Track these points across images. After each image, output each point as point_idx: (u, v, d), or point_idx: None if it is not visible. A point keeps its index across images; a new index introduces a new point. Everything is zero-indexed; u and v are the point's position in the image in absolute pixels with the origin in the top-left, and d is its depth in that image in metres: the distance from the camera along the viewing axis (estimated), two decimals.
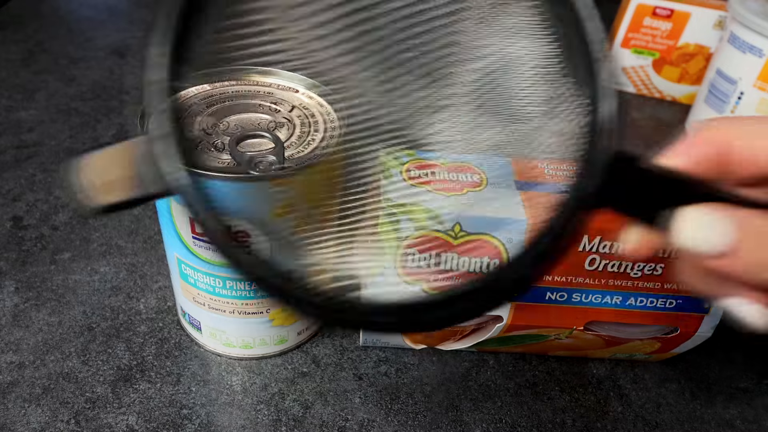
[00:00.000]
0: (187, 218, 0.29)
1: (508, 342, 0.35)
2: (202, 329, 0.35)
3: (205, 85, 0.33)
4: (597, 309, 0.32)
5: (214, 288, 0.32)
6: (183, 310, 0.35)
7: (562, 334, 0.33)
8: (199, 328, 0.35)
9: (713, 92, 0.58)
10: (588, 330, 0.33)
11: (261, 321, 0.33)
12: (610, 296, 0.31)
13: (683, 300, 0.31)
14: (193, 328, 0.36)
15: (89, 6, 0.77)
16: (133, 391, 0.33)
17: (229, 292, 0.32)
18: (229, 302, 0.32)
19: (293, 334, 0.35)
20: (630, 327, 0.33)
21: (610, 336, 0.33)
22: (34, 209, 0.45)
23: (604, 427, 0.34)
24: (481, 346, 0.35)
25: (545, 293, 0.31)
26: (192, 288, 0.33)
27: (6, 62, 0.63)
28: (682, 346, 0.34)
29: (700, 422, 0.35)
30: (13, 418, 0.32)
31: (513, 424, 0.34)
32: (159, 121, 0.18)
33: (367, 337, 0.35)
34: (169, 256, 0.33)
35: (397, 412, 0.34)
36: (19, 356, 0.35)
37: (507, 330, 0.33)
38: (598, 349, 0.35)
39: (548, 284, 0.31)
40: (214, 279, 0.31)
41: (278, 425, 0.33)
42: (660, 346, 0.34)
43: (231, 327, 0.34)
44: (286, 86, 0.34)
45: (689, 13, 0.62)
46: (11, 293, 0.38)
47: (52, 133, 0.53)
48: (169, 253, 0.33)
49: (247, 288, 0.31)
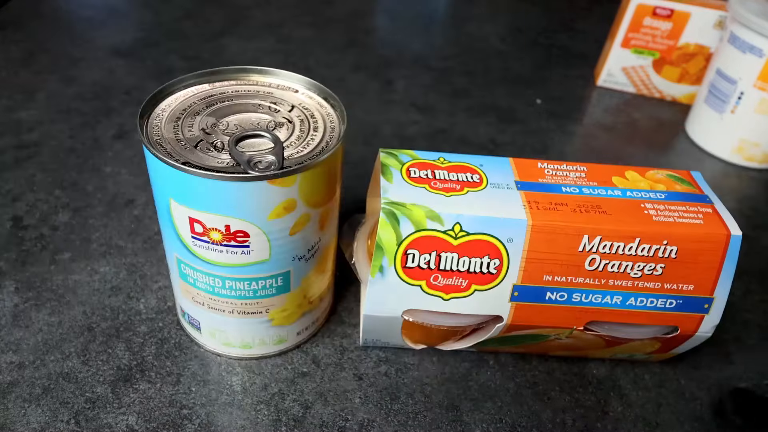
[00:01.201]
0: (187, 218, 0.29)
1: (508, 342, 0.35)
2: (201, 329, 0.35)
3: (205, 84, 0.33)
4: (597, 309, 0.32)
5: (213, 288, 0.32)
6: (182, 309, 0.35)
7: (562, 334, 0.33)
8: (198, 327, 0.35)
9: (713, 92, 0.58)
10: (588, 330, 0.33)
11: (260, 321, 0.33)
12: (610, 296, 0.31)
13: (683, 300, 0.31)
14: (192, 328, 0.36)
15: (89, 6, 0.77)
16: (133, 391, 0.33)
17: (228, 291, 0.32)
18: (228, 302, 0.32)
19: (292, 334, 0.35)
20: (630, 327, 0.33)
21: (610, 336, 0.33)
22: (34, 209, 0.45)
23: (604, 427, 0.34)
24: (481, 347, 0.35)
25: (545, 293, 0.31)
26: (191, 288, 0.33)
27: (6, 62, 0.63)
28: (682, 346, 0.34)
29: (700, 422, 0.35)
30: (13, 418, 0.32)
31: (513, 424, 0.34)
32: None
33: (367, 336, 0.35)
34: (168, 256, 0.33)
35: (397, 412, 0.34)
36: (19, 356, 0.35)
37: (507, 330, 0.33)
38: (598, 349, 0.35)
39: (548, 284, 0.31)
40: (213, 279, 0.31)
41: (278, 425, 0.33)
42: (660, 346, 0.34)
43: (230, 327, 0.34)
44: (285, 86, 0.34)
45: (689, 13, 0.62)
46: (11, 293, 0.39)
47: (52, 133, 0.53)
48: (169, 253, 0.33)
49: (246, 288, 0.31)
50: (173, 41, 0.70)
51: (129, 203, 0.46)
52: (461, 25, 0.82)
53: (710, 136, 0.59)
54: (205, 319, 0.34)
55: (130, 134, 0.54)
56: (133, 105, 0.58)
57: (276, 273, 0.31)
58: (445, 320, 0.33)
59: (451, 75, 0.69)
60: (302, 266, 0.32)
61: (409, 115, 0.61)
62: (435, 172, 0.32)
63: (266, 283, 0.31)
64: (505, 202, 0.30)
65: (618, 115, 0.65)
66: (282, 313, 0.34)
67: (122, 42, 0.69)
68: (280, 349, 0.36)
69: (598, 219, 0.30)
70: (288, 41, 0.73)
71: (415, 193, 0.30)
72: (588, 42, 0.80)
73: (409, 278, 0.30)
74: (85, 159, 0.51)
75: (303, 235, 0.31)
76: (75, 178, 0.49)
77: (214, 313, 0.33)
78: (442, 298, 0.31)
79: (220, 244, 0.29)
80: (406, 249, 0.30)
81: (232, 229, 0.28)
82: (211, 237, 0.29)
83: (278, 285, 0.32)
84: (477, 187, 0.31)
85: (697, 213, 0.31)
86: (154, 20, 0.75)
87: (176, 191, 0.28)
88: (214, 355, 0.36)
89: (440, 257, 0.30)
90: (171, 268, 0.34)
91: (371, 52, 0.72)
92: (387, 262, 0.30)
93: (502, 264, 0.30)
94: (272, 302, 0.33)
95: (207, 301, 0.33)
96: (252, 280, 0.31)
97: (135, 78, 0.63)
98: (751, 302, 0.43)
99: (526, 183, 0.32)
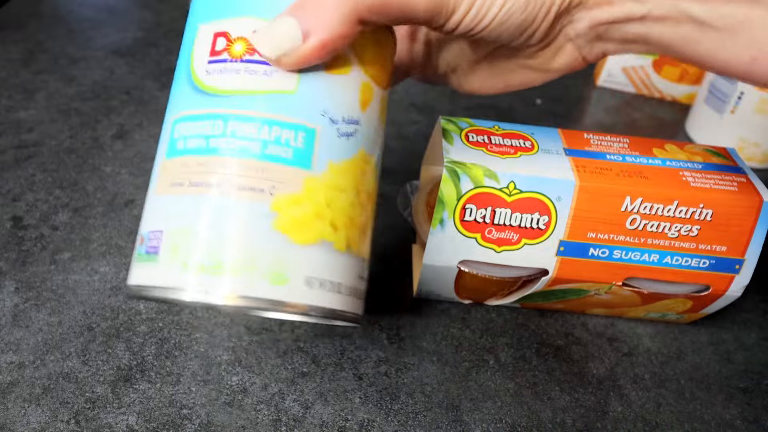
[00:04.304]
0: (211, 37, 0.25)
1: (551, 297, 0.37)
2: (161, 249, 0.23)
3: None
4: (635, 266, 0.34)
5: (207, 140, 0.24)
6: (143, 238, 0.25)
7: (602, 289, 0.35)
8: (157, 251, 0.23)
9: (713, 92, 0.58)
10: (626, 286, 0.35)
11: (258, 211, 0.23)
12: (648, 254, 0.33)
13: (716, 260, 0.34)
14: (149, 259, 0.24)
15: (89, 6, 0.77)
16: (133, 391, 0.33)
17: (226, 143, 0.24)
18: (220, 165, 0.24)
19: (299, 274, 0.24)
20: (665, 284, 0.35)
21: (646, 291, 0.35)
22: (34, 209, 0.45)
23: (604, 427, 0.34)
24: (525, 302, 0.37)
25: (588, 249, 0.33)
26: (176, 161, 0.24)
27: (6, 62, 0.63)
28: (711, 306, 0.36)
29: (700, 422, 0.35)
30: (13, 418, 0.32)
31: (513, 424, 0.34)
32: None
33: (423, 287, 0.37)
34: (163, 134, 0.26)
35: (397, 412, 0.34)
36: (19, 356, 0.35)
37: (552, 283, 0.35)
38: (633, 307, 0.37)
39: (592, 241, 0.33)
40: (212, 124, 0.24)
41: (278, 425, 0.33)
42: (691, 305, 0.36)
43: (207, 226, 0.23)
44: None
45: None
46: (11, 293, 0.39)
47: (52, 133, 0.53)
48: (166, 124, 0.26)
49: (253, 136, 0.24)
50: (173, 41, 0.70)
51: (129, 203, 0.46)
52: None
53: (710, 136, 0.59)
54: (174, 219, 0.23)
55: (130, 134, 0.54)
56: (133, 105, 0.58)
57: (297, 122, 0.24)
58: (498, 271, 0.35)
59: None
60: (334, 139, 0.25)
61: (409, 115, 0.61)
62: (491, 138, 0.34)
63: (281, 134, 0.23)
64: (555, 165, 0.33)
65: (618, 115, 0.65)
66: (292, 207, 0.23)
67: (122, 42, 0.69)
68: (274, 297, 0.23)
69: (640, 182, 0.33)
70: None
71: (474, 154, 0.33)
72: None
73: (466, 231, 0.33)
74: (85, 159, 0.51)
75: (340, 83, 0.25)
76: (75, 178, 0.49)
77: (191, 197, 0.23)
78: (495, 250, 0.33)
79: (240, 60, 0.24)
80: (465, 203, 0.32)
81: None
82: (232, 52, 0.24)
83: (296, 147, 0.24)
84: (529, 151, 0.34)
85: (732, 181, 0.34)
86: (154, 20, 0.75)
87: (207, 6, 0.25)
88: (162, 289, 0.23)
89: (495, 212, 0.32)
90: (158, 154, 0.26)
91: None
92: (447, 215, 0.32)
93: (550, 220, 0.33)
94: (282, 176, 0.23)
95: (190, 174, 0.23)
96: (264, 122, 0.23)
97: (135, 78, 0.63)
98: (751, 302, 0.43)
99: (574, 150, 0.34)
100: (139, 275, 0.24)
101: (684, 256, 0.34)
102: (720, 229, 0.33)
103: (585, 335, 0.40)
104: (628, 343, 0.39)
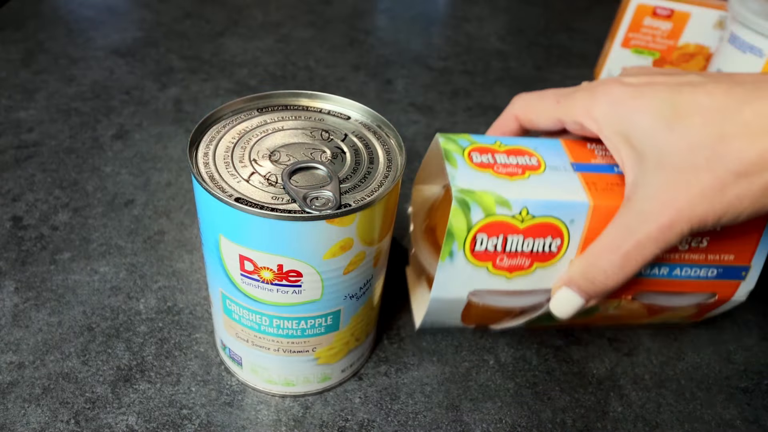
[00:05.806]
0: (236, 255, 0.27)
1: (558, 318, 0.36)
2: (243, 365, 0.33)
3: (254, 111, 0.32)
4: (644, 280, 0.33)
5: (260, 326, 0.30)
6: (223, 343, 0.34)
7: (611, 305, 0.34)
8: (240, 363, 0.34)
9: None
10: (635, 300, 0.34)
11: (306, 360, 0.32)
12: (657, 268, 0.33)
13: (723, 269, 0.33)
14: (233, 363, 0.34)
15: (89, 6, 0.77)
16: (133, 391, 0.33)
17: (275, 330, 0.30)
18: (274, 340, 0.31)
19: (337, 371, 0.34)
20: (674, 297, 0.34)
21: (656, 305, 0.35)
22: (34, 209, 0.45)
23: (604, 427, 0.34)
24: (533, 324, 0.36)
25: None
26: (235, 324, 0.31)
27: (6, 62, 0.63)
28: (716, 310, 0.36)
29: (700, 422, 0.35)
30: (13, 418, 0.32)
31: (513, 424, 0.34)
32: None
33: (428, 319, 0.35)
34: (212, 290, 0.32)
35: (397, 412, 0.34)
36: (19, 356, 0.35)
37: None
38: (639, 318, 0.37)
39: None
40: (260, 317, 0.30)
41: (278, 425, 0.33)
42: (696, 311, 0.36)
43: (274, 364, 0.32)
44: (337, 112, 0.32)
45: (689, 13, 0.62)
46: (11, 293, 0.38)
47: (52, 133, 0.53)
48: (213, 287, 0.31)
49: (294, 327, 0.30)
50: (173, 41, 0.70)
51: (129, 203, 0.46)
52: (461, 24, 0.82)
53: None
54: (248, 356, 0.33)
55: (130, 134, 0.54)
56: (133, 105, 0.58)
57: (326, 312, 0.30)
58: (510, 301, 0.33)
59: (451, 75, 0.69)
60: (353, 304, 0.31)
61: (408, 115, 0.61)
62: (495, 156, 0.33)
63: (315, 322, 0.30)
64: (566, 184, 0.32)
65: None
66: (329, 351, 0.32)
67: (122, 42, 0.69)
68: (323, 387, 0.34)
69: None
70: (288, 41, 0.73)
71: (481, 178, 0.31)
72: (588, 42, 0.80)
73: (476, 261, 0.31)
74: (85, 159, 0.51)
75: (357, 274, 0.29)
76: (75, 178, 0.49)
77: (257, 350, 0.32)
78: (506, 277, 0.32)
79: (271, 283, 0.28)
80: (476, 234, 0.31)
81: (285, 268, 0.27)
82: (261, 276, 0.28)
83: (327, 324, 0.31)
84: (536, 170, 0.32)
85: None
86: (154, 20, 0.75)
87: (227, 228, 0.26)
88: (254, 391, 0.34)
89: (507, 240, 0.31)
90: (214, 301, 0.32)
91: (371, 52, 0.72)
92: (457, 247, 0.31)
93: (563, 243, 0.31)
94: (320, 341, 0.31)
95: (251, 338, 0.31)
96: (301, 319, 0.30)
97: (135, 78, 0.63)
98: (751, 303, 0.43)
99: (581, 165, 0.33)
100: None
101: (693, 268, 0.33)
102: (729, 239, 0.32)
103: (585, 335, 0.40)
104: (628, 343, 0.39)
